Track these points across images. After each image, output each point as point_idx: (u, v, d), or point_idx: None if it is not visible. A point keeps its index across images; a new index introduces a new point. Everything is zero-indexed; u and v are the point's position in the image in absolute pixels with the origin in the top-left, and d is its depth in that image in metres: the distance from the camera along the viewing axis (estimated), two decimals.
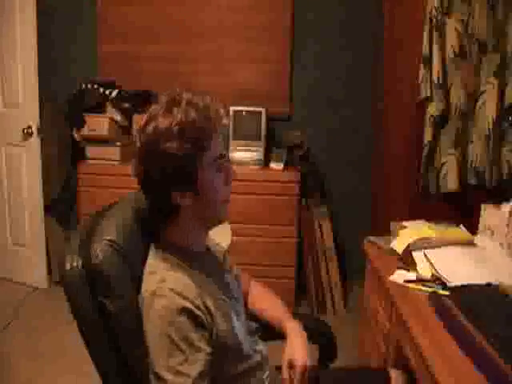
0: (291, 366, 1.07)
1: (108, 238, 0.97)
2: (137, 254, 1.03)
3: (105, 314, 0.94)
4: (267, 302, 1.28)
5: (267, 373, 1.13)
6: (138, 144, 0.97)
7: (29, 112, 2.90)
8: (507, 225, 1.59)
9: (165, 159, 0.94)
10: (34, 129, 2.89)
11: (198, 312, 0.93)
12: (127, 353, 0.96)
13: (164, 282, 0.94)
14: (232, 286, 1.13)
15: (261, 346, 1.16)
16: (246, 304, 1.27)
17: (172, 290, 0.93)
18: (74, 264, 0.95)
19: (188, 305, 0.92)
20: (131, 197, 1.19)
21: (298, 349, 1.10)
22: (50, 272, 3.10)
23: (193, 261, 1.02)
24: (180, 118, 0.94)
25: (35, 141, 2.91)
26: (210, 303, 0.98)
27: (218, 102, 1.01)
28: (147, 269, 1.00)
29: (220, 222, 1.08)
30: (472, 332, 1.13)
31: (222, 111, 1.00)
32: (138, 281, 0.99)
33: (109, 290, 0.94)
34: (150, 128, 0.95)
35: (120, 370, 0.97)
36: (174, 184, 0.97)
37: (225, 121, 1.01)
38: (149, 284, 0.96)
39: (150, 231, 1.08)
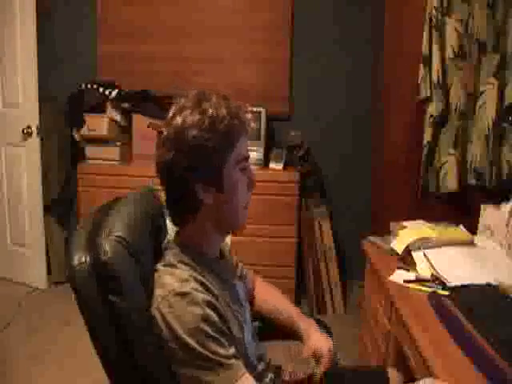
0: (317, 355, 1.13)
1: (116, 234, 0.95)
2: (145, 252, 1.01)
3: (114, 312, 0.92)
4: (276, 302, 1.28)
5: (270, 376, 1.13)
6: (166, 133, 0.96)
7: (28, 112, 2.90)
8: (507, 225, 1.59)
9: (194, 148, 0.93)
10: (34, 129, 2.89)
11: (221, 310, 0.94)
12: (137, 352, 0.94)
13: (186, 282, 0.92)
14: (240, 294, 1.12)
15: (262, 350, 1.17)
16: (251, 303, 1.26)
17: (196, 289, 0.91)
18: (82, 260, 0.92)
19: (212, 299, 0.92)
20: (135, 196, 1.18)
21: (322, 339, 1.16)
22: (49, 272, 3.10)
23: (208, 266, 1.01)
24: (211, 113, 0.94)
25: (35, 141, 2.91)
26: (225, 310, 0.97)
27: (246, 105, 1.01)
28: (163, 268, 0.98)
29: (237, 228, 1.05)
30: (472, 332, 1.13)
31: (250, 114, 1.00)
32: (146, 279, 0.97)
33: (118, 287, 0.92)
34: (178, 119, 0.94)
35: (129, 370, 0.95)
36: (199, 175, 0.95)
37: (252, 124, 1.01)
38: (168, 284, 0.93)
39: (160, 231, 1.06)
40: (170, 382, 0.95)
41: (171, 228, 1.10)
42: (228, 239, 1.35)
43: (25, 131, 2.89)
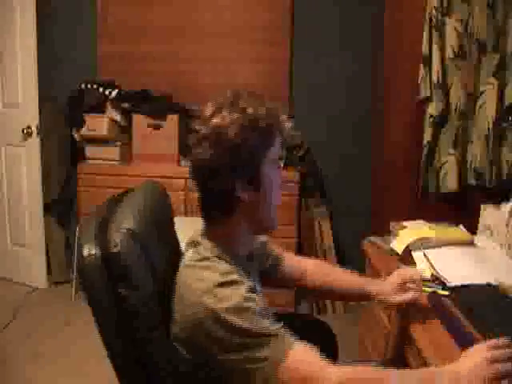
0: (406, 281, 1.23)
1: (127, 227, 0.95)
2: (154, 245, 1.01)
3: (122, 305, 0.92)
4: (332, 274, 1.32)
5: None
6: (204, 132, 0.96)
7: (28, 112, 2.90)
8: (507, 225, 1.59)
9: (235, 146, 0.94)
10: (34, 129, 2.89)
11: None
12: (144, 346, 0.94)
13: (228, 274, 0.92)
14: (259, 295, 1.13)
15: None
16: (299, 283, 1.30)
17: (237, 278, 0.92)
18: (92, 252, 0.92)
19: (253, 286, 0.94)
20: (143, 189, 1.18)
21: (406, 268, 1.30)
22: (49, 272, 3.10)
23: (240, 264, 1.01)
24: (251, 111, 0.96)
25: (35, 141, 2.91)
26: None
27: (281, 106, 1.03)
28: (199, 263, 0.96)
29: (269, 228, 1.06)
30: (472, 332, 1.13)
31: (284, 115, 1.02)
32: (155, 272, 0.97)
33: (128, 280, 0.91)
34: (217, 118, 0.95)
35: (135, 364, 0.95)
36: (239, 173, 0.96)
37: (287, 123, 1.02)
38: (209, 277, 0.92)
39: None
40: (174, 377, 0.95)
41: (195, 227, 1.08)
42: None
43: (25, 131, 2.89)
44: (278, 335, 0.88)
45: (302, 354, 0.88)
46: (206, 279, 0.92)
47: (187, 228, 1.27)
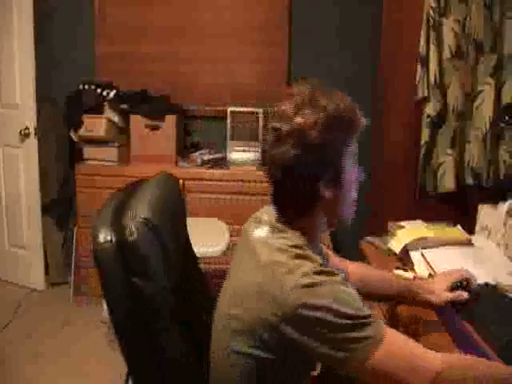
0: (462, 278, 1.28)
1: (143, 216, 0.95)
2: (168, 236, 1.01)
3: (136, 294, 0.92)
4: (374, 273, 1.36)
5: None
6: (286, 131, 0.94)
7: (26, 113, 2.90)
8: (504, 224, 1.59)
9: (318, 146, 0.93)
10: (32, 130, 2.89)
11: None
12: (157, 336, 0.94)
13: (321, 265, 0.92)
14: None
15: None
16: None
17: (333, 271, 0.93)
18: (108, 238, 0.92)
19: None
20: (158, 179, 1.19)
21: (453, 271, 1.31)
22: (47, 273, 3.09)
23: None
24: (332, 110, 0.96)
25: (32, 142, 2.91)
26: None
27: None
28: (290, 249, 0.94)
29: (348, 222, 1.06)
30: (471, 332, 1.14)
31: (360, 110, 1.02)
32: (170, 263, 0.97)
33: (143, 269, 0.92)
34: (299, 118, 0.94)
35: (147, 354, 0.96)
36: (323, 172, 0.96)
37: (363, 119, 1.02)
38: (306, 265, 0.90)
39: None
40: (186, 367, 0.96)
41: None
42: (224, 243, 1.34)
43: (22, 132, 2.89)
44: (374, 316, 0.89)
45: (400, 335, 0.90)
46: (305, 266, 0.90)
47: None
